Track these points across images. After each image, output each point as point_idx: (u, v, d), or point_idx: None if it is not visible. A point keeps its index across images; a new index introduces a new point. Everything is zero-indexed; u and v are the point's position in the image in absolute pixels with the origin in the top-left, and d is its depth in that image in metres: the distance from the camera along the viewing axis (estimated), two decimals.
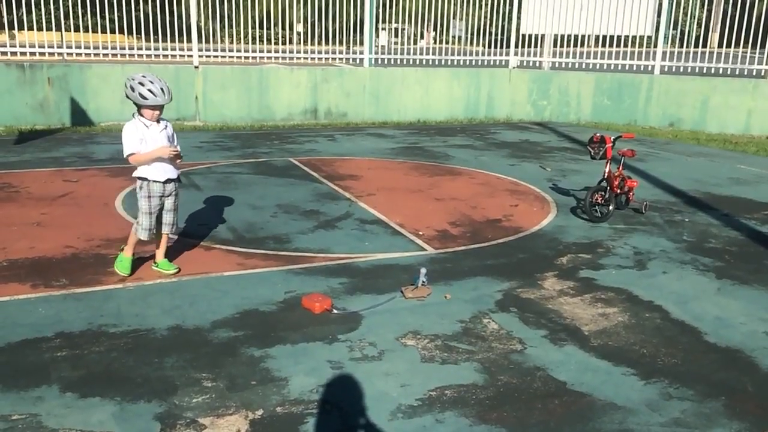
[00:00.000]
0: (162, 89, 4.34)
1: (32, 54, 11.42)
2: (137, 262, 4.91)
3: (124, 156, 4.45)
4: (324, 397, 3.21)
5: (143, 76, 4.35)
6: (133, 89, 4.31)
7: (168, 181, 4.60)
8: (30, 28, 11.33)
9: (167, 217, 4.71)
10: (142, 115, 4.42)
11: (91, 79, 11.38)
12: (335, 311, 4.16)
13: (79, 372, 3.35)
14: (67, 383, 3.24)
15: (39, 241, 5.36)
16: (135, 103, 4.38)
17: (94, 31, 11.91)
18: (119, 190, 7.02)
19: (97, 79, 11.42)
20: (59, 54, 11.63)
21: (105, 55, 11.83)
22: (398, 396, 3.23)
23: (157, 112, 4.43)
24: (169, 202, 4.68)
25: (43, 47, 11.45)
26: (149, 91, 4.31)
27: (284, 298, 4.37)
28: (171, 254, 4.94)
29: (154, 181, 4.53)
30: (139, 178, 4.55)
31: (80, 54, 11.66)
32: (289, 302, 4.31)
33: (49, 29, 11.43)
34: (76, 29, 11.81)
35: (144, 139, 4.42)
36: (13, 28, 11.20)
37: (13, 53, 11.32)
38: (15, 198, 6.65)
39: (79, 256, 5.05)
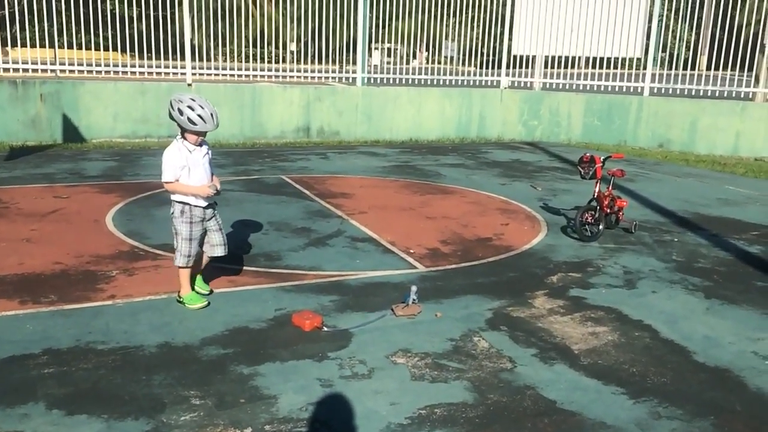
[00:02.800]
0: (211, 114, 4.13)
1: (25, 70, 11.45)
2: (135, 277, 4.89)
3: (162, 181, 4.26)
4: (313, 415, 3.19)
5: (192, 99, 4.11)
6: (181, 112, 4.09)
7: (209, 206, 4.43)
8: (23, 45, 11.38)
9: (217, 238, 4.51)
10: (185, 139, 4.22)
11: (84, 96, 11.41)
12: (325, 329, 4.14)
13: (66, 389, 3.32)
14: (54, 400, 3.21)
15: (28, 257, 5.33)
16: (180, 126, 4.17)
17: (87, 48, 11.94)
18: (110, 207, 7.00)
19: (90, 96, 11.45)
20: (52, 71, 11.66)
21: (98, 72, 11.86)
22: (388, 414, 3.22)
23: (201, 137, 4.27)
24: (212, 224, 4.48)
25: (36, 64, 11.48)
26: (199, 116, 4.09)
27: (274, 316, 4.35)
28: (162, 272, 4.92)
29: (196, 206, 4.33)
30: (180, 203, 4.31)
31: (73, 71, 11.68)
32: (279, 320, 4.29)
33: (42, 46, 11.48)
34: (69, 46, 11.85)
35: (187, 166, 4.21)
36: (6, 45, 11.23)
37: (6, 69, 11.34)
38: (5, 214, 6.62)
39: (68, 272, 5.03)
